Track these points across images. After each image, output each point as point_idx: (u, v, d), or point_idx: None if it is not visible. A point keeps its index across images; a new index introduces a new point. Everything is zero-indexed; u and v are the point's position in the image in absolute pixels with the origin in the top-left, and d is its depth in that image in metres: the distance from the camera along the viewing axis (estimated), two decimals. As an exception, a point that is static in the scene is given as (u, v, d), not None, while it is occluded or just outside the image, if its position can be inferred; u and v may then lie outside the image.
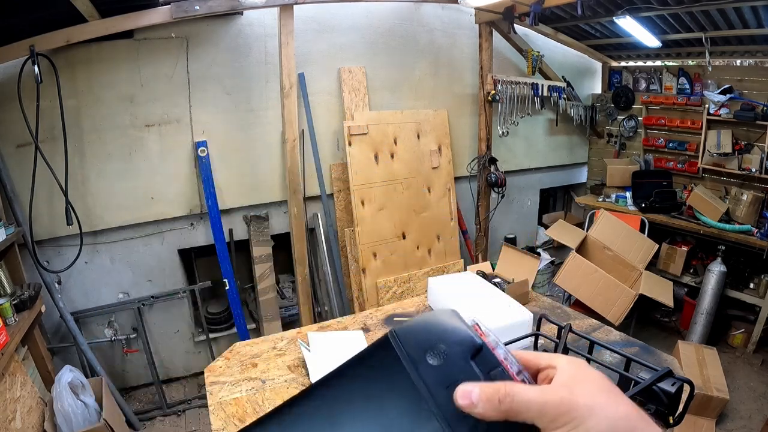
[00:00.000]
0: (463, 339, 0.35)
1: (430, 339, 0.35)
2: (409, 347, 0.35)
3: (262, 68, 3.31)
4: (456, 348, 0.34)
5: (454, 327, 0.36)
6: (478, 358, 0.34)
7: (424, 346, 0.35)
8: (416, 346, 0.35)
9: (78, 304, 3.08)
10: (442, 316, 0.38)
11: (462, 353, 0.34)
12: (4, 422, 2.08)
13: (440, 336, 0.35)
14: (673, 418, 1.07)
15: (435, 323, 0.37)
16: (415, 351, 0.34)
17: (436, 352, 0.34)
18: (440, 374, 0.33)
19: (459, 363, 0.34)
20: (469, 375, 0.33)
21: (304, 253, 3.34)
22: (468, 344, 0.35)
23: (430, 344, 0.35)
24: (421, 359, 0.34)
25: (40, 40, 2.46)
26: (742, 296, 3.70)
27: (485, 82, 3.97)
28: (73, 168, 2.83)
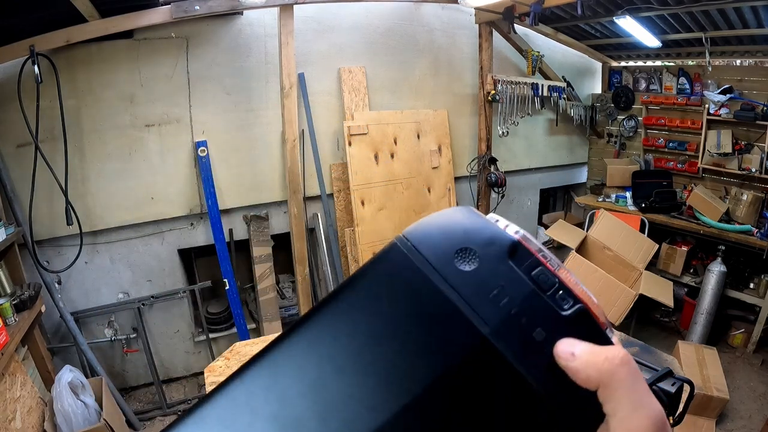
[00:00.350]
0: (494, 237, 0.29)
1: (453, 241, 0.29)
2: (429, 253, 0.28)
3: (262, 68, 3.31)
4: (489, 249, 0.28)
5: (478, 224, 0.30)
6: (515, 258, 0.28)
7: (448, 249, 0.28)
8: (438, 250, 0.28)
9: (78, 304, 3.07)
10: (459, 215, 0.31)
11: (497, 254, 0.28)
12: (4, 422, 2.08)
13: (465, 236, 0.29)
14: (673, 418, 1.07)
15: (452, 223, 0.30)
16: (438, 257, 0.28)
17: (465, 255, 0.28)
18: (477, 281, 0.27)
19: (497, 266, 0.28)
20: (511, 278, 0.27)
21: (304, 253, 3.34)
22: (502, 242, 0.28)
23: (455, 247, 0.28)
24: (449, 266, 0.28)
25: (40, 40, 2.46)
26: (742, 296, 3.70)
27: (485, 82, 3.97)
28: (73, 168, 2.83)
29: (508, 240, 0.29)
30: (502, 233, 0.29)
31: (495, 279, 0.27)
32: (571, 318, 0.27)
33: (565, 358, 0.26)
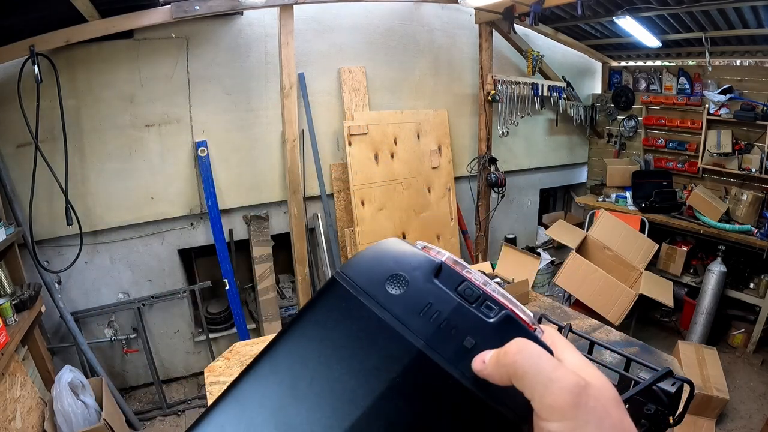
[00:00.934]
0: (419, 262, 0.32)
1: (383, 270, 0.32)
2: (363, 283, 0.31)
3: (262, 68, 3.31)
4: (416, 272, 0.31)
5: (405, 253, 0.33)
6: (440, 277, 0.31)
7: (380, 278, 0.32)
8: (371, 279, 0.32)
9: (78, 304, 3.08)
10: (387, 246, 0.35)
11: (424, 275, 0.31)
12: (4, 422, 2.08)
13: (395, 264, 0.32)
14: (673, 418, 1.07)
15: (382, 254, 0.34)
16: (371, 285, 0.31)
17: (395, 281, 0.31)
18: (407, 301, 0.30)
19: (424, 286, 0.31)
20: (438, 295, 0.30)
21: (304, 253, 3.34)
22: (427, 266, 0.32)
23: (386, 275, 0.32)
24: (381, 292, 0.31)
25: (40, 40, 2.46)
26: (742, 296, 3.70)
27: (485, 82, 3.97)
28: (73, 168, 2.83)
29: (433, 262, 0.32)
30: (426, 258, 0.33)
31: (424, 297, 0.31)
32: (497, 324, 0.30)
33: (479, 369, 0.28)
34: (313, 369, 0.30)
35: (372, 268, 0.32)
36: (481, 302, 0.30)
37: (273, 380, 0.30)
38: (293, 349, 0.31)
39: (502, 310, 0.30)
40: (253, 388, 0.31)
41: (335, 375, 0.30)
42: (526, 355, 0.27)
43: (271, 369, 0.31)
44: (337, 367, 0.30)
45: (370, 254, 0.34)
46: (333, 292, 0.32)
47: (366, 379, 0.29)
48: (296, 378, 0.30)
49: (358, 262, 0.33)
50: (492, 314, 0.30)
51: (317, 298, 0.33)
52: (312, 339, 0.31)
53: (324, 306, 0.32)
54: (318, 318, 0.32)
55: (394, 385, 0.29)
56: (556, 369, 0.27)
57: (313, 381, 0.30)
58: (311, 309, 0.32)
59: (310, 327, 0.32)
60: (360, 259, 0.34)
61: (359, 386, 0.29)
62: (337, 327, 0.31)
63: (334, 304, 0.32)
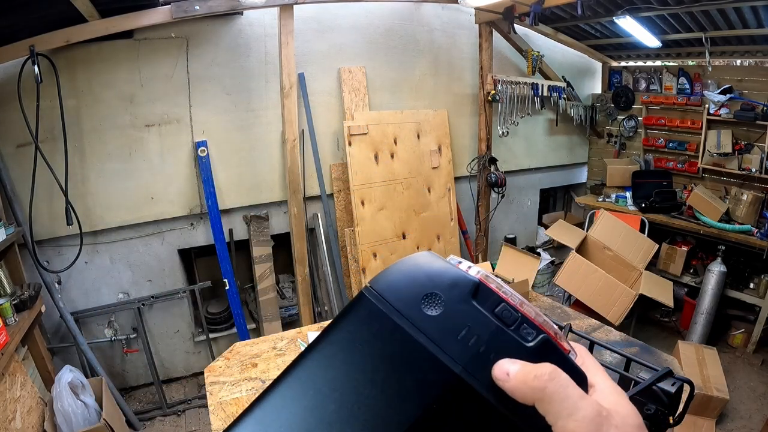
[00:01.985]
0: (456, 280, 0.30)
1: (418, 287, 0.30)
2: (398, 300, 0.30)
3: (262, 68, 3.31)
4: (452, 292, 0.30)
5: (440, 269, 0.31)
6: (477, 297, 0.30)
7: (415, 296, 0.30)
8: (405, 298, 0.30)
9: (78, 304, 3.08)
10: (420, 260, 0.33)
11: (461, 296, 0.30)
12: (4, 422, 2.08)
13: (430, 281, 0.31)
14: (673, 418, 1.07)
15: (415, 269, 0.32)
16: (405, 304, 0.30)
17: (431, 300, 0.30)
18: (444, 324, 0.29)
19: (462, 307, 0.30)
20: (476, 318, 0.29)
21: (304, 253, 3.34)
22: (464, 284, 0.30)
23: (421, 293, 0.30)
24: (417, 312, 0.29)
25: (40, 40, 2.46)
26: (742, 296, 3.70)
27: (485, 82, 3.97)
28: (73, 168, 2.83)
29: (470, 282, 0.30)
30: (463, 276, 0.31)
31: (462, 320, 0.29)
32: (536, 348, 0.29)
33: (502, 379, 0.28)
34: (342, 392, 0.29)
35: (405, 285, 0.31)
36: (519, 325, 0.29)
37: (298, 403, 0.29)
38: (320, 368, 0.30)
39: (540, 333, 0.29)
40: (276, 410, 0.29)
41: (365, 399, 0.28)
42: (556, 384, 0.28)
43: (297, 390, 0.29)
44: (368, 391, 0.28)
45: (403, 269, 0.32)
46: (363, 309, 0.31)
47: (399, 405, 0.28)
48: (323, 401, 0.29)
49: (390, 277, 0.32)
50: (530, 338, 0.29)
51: (345, 314, 0.31)
52: (340, 359, 0.30)
53: (353, 323, 0.31)
54: (347, 336, 0.30)
55: (429, 411, 0.28)
56: (581, 398, 0.28)
57: (342, 405, 0.28)
58: (339, 326, 0.31)
59: (339, 346, 0.30)
60: (392, 275, 0.32)
61: (392, 412, 0.28)
62: (367, 347, 0.30)
63: (364, 323, 0.30)
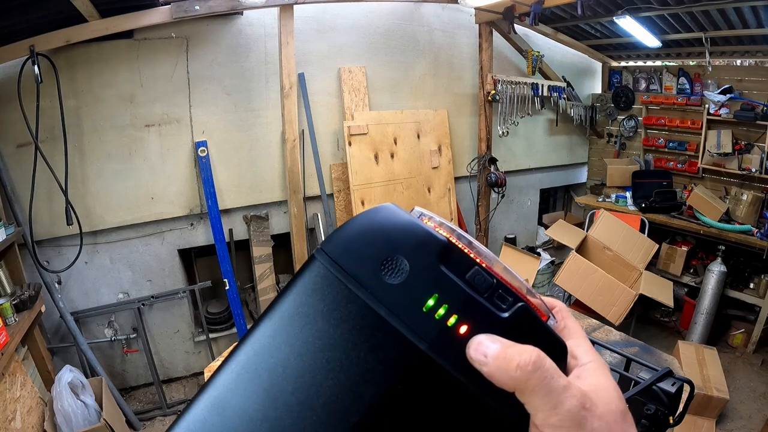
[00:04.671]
0: (422, 240, 0.26)
1: (378, 250, 0.26)
2: (352, 267, 0.26)
3: (262, 68, 3.31)
4: (417, 255, 0.26)
5: (404, 227, 0.27)
6: (446, 260, 0.26)
7: (374, 261, 0.26)
8: (363, 263, 0.26)
9: (78, 304, 3.07)
10: (380, 215, 0.28)
11: (427, 259, 0.26)
12: (4, 422, 2.08)
13: (390, 243, 0.26)
14: (673, 418, 1.07)
15: (375, 228, 0.27)
16: (363, 270, 0.26)
17: (393, 265, 0.26)
18: (408, 293, 0.25)
19: (428, 273, 0.26)
20: (445, 285, 0.25)
21: (304, 253, 3.34)
22: (431, 246, 0.26)
23: (381, 257, 0.26)
24: (376, 279, 0.25)
25: (40, 40, 2.46)
26: (742, 296, 3.69)
27: (485, 82, 3.97)
28: (73, 168, 2.83)
29: (438, 242, 0.27)
30: (430, 235, 0.27)
31: (428, 288, 0.26)
32: (512, 319, 0.26)
33: (479, 361, 0.25)
34: (297, 372, 0.25)
35: (363, 247, 0.27)
36: (493, 292, 0.26)
37: (253, 384, 0.25)
38: (271, 345, 0.26)
39: (518, 301, 0.26)
40: (230, 393, 0.26)
41: (323, 380, 0.25)
42: (540, 376, 0.25)
43: (250, 369, 0.26)
44: (324, 371, 0.25)
45: (360, 228, 0.28)
46: (314, 275, 0.27)
47: (361, 386, 0.25)
48: (279, 382, 0.25)
49: (345, 238, 0.27)
50: (505, 306, 0.26)
51: (295, 281, 0.27)
52: (292, 334, 0.26)
53: (304, 293, 0.27)
54: (297, 308, 0.26)
55: (393, 393, 0.25)
56: (565, 390, 0.26)
57: (298, 386, 0.25)
58: (288, 295, 0.27)
59: (289, 319, 0.26)
60: (347, 235, 0.28)
61: (353, 394, 0.25)
62: (321, 321, 0.26)
63: (316, 292, 0.26)
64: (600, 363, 0.30)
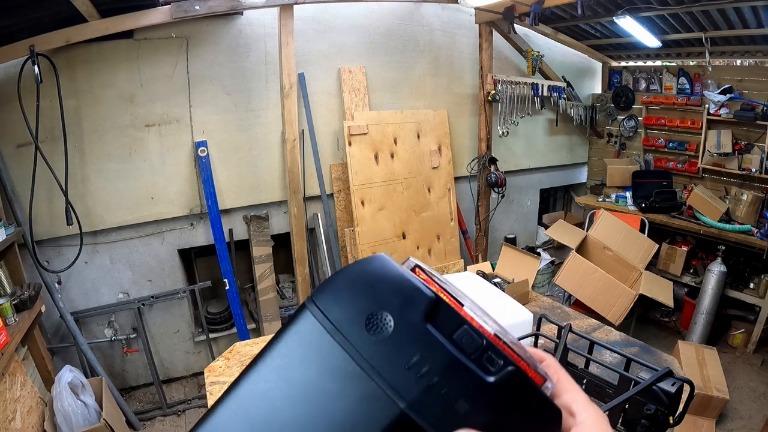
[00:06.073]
0: (409, 296, 0.26)
1: (364, 303, 0.26)
2: (338, 318, 0.26)
3: (262, 68, 3.31)
4: (404, 311, 0.25)
5: (392, 280, 0.27)
6: (434, 317, 0.25)
7: (359, 314, 0.26)
8: (348, 315, 0.26)
9: (78, 304, 3.08)
10: (370, 267, 0.28)
11: (413, 317, 0.25)
12: (4, 422, 2.08)
13: (377, 298, 0.26)
14: (673, 418, 1.07)
15: (364, 280, 0.27)
16: (348, 323, 0.26)
17: (377, 321, 0.25)
18: (391, 350, 0.25)
19: (413, 331, 0.25)
20: (429, 344, 0.25)
21: (304, 253, 3.34)
22: (418, 302, 0.26)
23: (366, 310, 0.26)
24: (360, 333, 0.25)
25: (40, 40, 2.46)
26: (742, 296, 3.70)
27: (485, 82, 3.97)
28: (73, 168, 2.83)
29: (426, 298, 0.26)
30: (417, 291, 0.26)
31: (412, 346, 0.25)
32: (500, 384, 0.25)
33: None
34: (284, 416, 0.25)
35: (350, 299, 0.27)
36: (482, 353, 0.25)
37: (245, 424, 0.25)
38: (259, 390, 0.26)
39: (508, 364, 0.25)
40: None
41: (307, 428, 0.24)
42: None
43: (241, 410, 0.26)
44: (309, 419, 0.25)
45: (350, 278, 0.28)
46: (303, 324, 0.27)
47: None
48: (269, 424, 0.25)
49: (335, 288, 0.28)
50: (494, 369, 0.25)
51: (285, 329, 0.28)
52: (281, 379, 0.26)
53: (292, 341, 0.27)
54: (286, 355, 0.26)
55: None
56: None
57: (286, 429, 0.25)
58: (278, 343, 0.27)
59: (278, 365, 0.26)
60: (337, 285, 0.28)
61: None
62: (306, 369, 0.26)
63: (304, 341, 0.26)
64: (596, 417, 0.29)
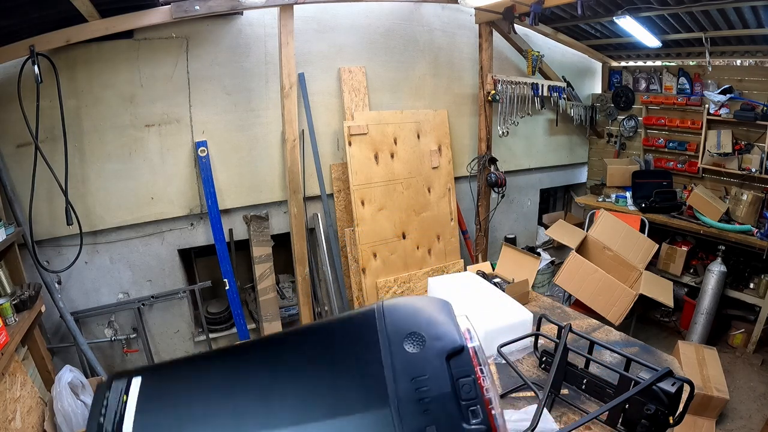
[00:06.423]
0: (446, 335, 0.31)
1: (414, 324, 0.31)
2: (391, 325, 0.31)
3: (262, 68, 3.31)
4: (436, 342, 0.30)
5: (443, 320, 0.32)
6: (455, 359, 0.30)
7: (407, 329, 0.31)
8: (399, 326, 0.31)
9: (78, 304, 3.07)
10: (434, 305, 0.34)
11: (440, 350, 0.30)
12: (4, 422, 2.08)
13: (425, 324, 0.31)
14: (673, 418, 1.07)
15: (425, 310, 0.32)
16: (396, 331, 0.30)
17: (415, 339, 0.30)
18: (411, 363, 0.29)
19: (434, 359, 0.30)
20: (439, 374, 0.28)
21: (304, 253, 3.35)
22: (449, 342, 0.31)
23: (412, 329, 0.30)
24: (399, 341, 0.30)
25: (40, 40, 2.46)
26: (742, 296, 3.70)
27: (485, 82, 3.97)
28: (73, 168, 2.83)
29: (455, 342, 0.30)
30: (453, 334, 0.31)
31: (426, 367, 0.29)
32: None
33: None
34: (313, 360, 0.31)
35: (405, 316, 0.32)
36: (472, 404, 0.28)
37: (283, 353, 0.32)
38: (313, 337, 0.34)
39: (484, 424, 0.28)
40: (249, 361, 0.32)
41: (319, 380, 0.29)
42: None
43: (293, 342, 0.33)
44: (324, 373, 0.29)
45: (417, 304, 0.34)
46: (366, 316, 0.32)
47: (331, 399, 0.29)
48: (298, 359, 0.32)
49: (401, 304, 0.33)
50: (473, 421, 0.28)
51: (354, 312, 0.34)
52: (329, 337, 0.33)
53: (351, 321, 0.34)
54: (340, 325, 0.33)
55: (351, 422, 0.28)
56: None
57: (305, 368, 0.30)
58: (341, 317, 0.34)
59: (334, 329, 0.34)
60: (404, 303, 0.34)
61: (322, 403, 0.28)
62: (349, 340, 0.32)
63: (359, 324, 0.33)
64: None
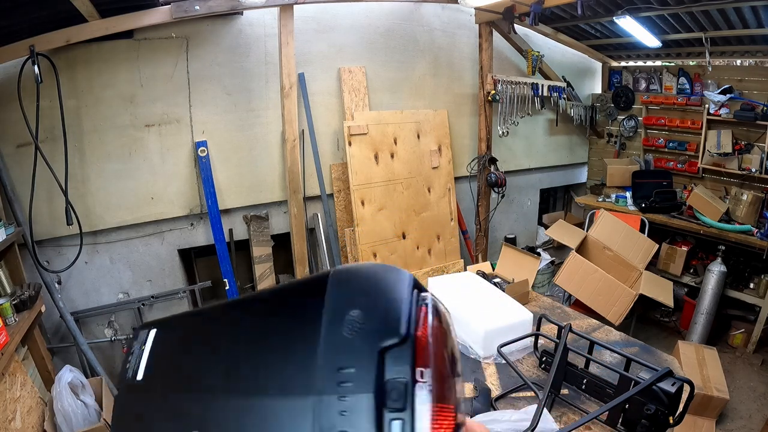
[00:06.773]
0: (387, 320, 0.27)
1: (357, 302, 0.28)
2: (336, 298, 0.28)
3: (262, 68, 3.31)
4: (374, 327, 0.26)
5: (394, 298, 0.28)
6: (391, 353, 0.26)
7: (350, 304, 0.27)
8: (340, 303, 0.27)
9: (78, 304, 3.07)
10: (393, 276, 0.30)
11: (375, 338, 0.26)
12: (4, 422, 2.08)
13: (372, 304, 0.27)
14: (673, 418, 1.07)
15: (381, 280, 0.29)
16: (338, 307, 0.27)
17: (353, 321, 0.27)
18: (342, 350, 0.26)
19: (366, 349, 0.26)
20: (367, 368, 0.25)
21: (304, 252, 3.34)
22: (389, 333, 0.26)
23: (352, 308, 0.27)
24: (339, 320, 0.27)
25: (40, 40, 2.46)
26: (742, 296, 3.70)
27: (485, 82, 3.97)
28: (73, 168, 2.83)
29: (396, 334, 0.26)
30: (397, 323, 0.27)
31: (356, 359, 0.26)
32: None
33: None
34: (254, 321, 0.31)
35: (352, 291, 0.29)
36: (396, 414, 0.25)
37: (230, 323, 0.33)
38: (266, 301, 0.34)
39: None
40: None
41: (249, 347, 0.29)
42: None
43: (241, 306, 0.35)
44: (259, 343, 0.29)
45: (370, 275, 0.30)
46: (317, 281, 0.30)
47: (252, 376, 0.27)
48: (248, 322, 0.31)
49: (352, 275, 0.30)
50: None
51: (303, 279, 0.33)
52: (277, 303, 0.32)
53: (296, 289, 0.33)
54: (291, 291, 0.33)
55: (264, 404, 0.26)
56: None
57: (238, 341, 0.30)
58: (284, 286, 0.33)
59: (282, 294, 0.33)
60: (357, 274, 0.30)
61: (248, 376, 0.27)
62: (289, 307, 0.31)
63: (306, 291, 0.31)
64: None
